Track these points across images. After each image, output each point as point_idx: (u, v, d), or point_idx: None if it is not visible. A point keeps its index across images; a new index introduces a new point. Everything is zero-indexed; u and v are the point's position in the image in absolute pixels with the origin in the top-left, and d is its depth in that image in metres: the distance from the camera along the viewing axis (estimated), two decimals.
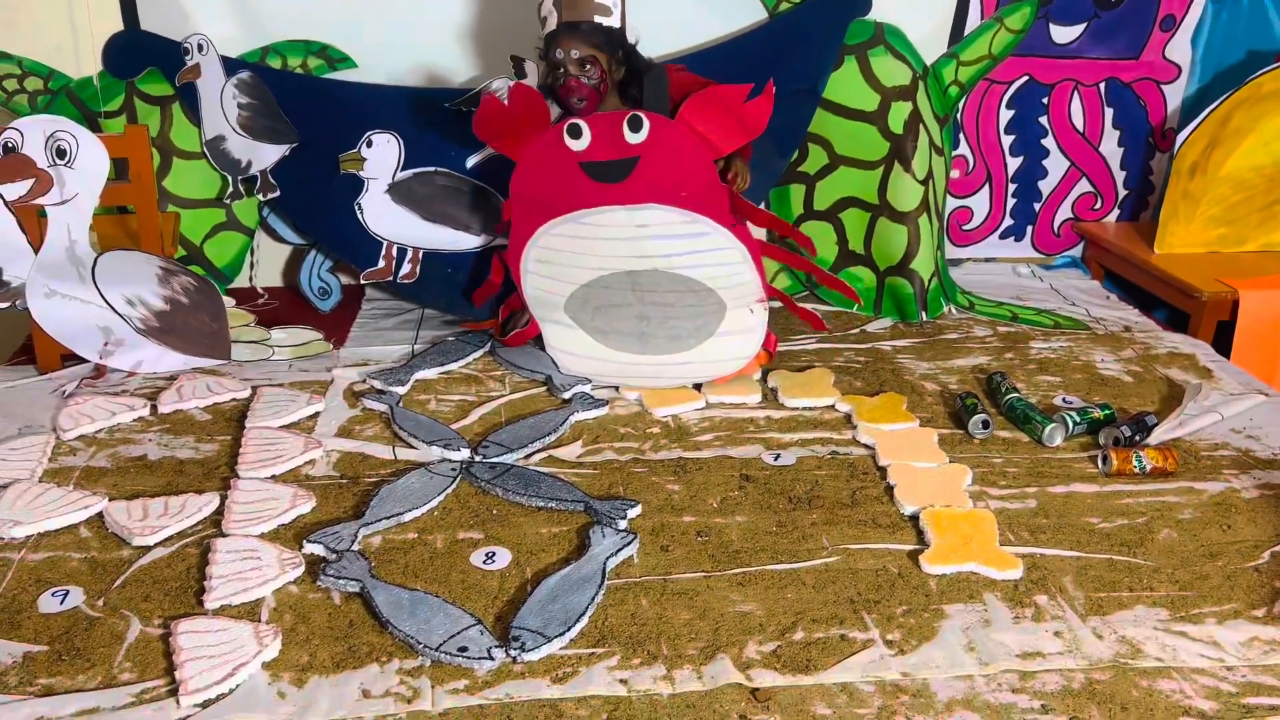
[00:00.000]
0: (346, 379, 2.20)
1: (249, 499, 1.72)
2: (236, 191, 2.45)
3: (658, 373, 2.16)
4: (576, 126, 1.98)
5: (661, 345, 2.14)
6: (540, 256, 2.13)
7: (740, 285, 2.09)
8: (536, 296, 2.19)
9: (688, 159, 1.99)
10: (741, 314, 2.12)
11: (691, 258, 2.06)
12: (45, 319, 2.11)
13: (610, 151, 1.99)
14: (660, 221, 2.03)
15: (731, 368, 2.17)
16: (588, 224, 2.05)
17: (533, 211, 2.10)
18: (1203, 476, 1.94)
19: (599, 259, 2.09)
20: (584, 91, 2.04)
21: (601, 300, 2.13)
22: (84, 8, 2.38)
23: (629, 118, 1.95)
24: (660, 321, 2.12)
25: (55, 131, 2.03)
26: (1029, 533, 1.74)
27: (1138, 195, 3.06)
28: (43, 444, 1.88)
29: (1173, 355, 2.47)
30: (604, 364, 2.18)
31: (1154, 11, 2.84)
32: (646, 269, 2.07)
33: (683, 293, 2.09)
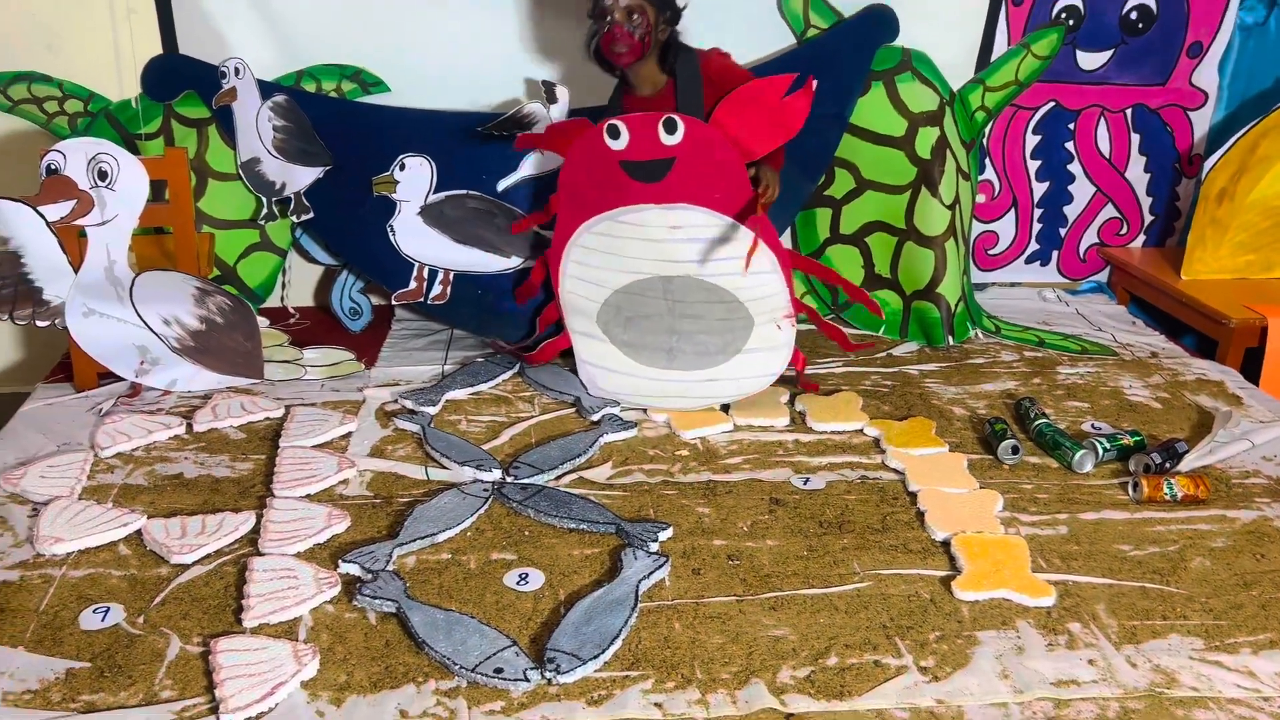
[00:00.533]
0: (378, 399, 2.22)
1: (285, 518, 1.73)
2: (270, 213, 2.48)
3: (685, 391, 2.18)
4: (615, 127, 2.02)
5: (689, 361, 2.17)
6: (579, 257, 2.17)
7: (768, 298, 2.11)
8: (572, 302, 2.23)
9: (721, 161, 2.02)
10: (769, 330, 2.14)
11: (722, 264, 2.08)
12: (83, 337, 2.14)
13: (647, 151, 2.03)
14: (692, 224, 2.06)
15: (757, 385, 2.19)
16: (624, 223, 2.09)
17: (576, 208, 2.14)
18: (1235, 504, 1.94)
19: (634, 261, 2.12)
20: (628, 41, 2.04)
21: (634, 310, 2.16)
22: (126, 33, 2.42)
23: (664, 120, 1.99)
24: (689, 336, 2.15)
25: (97, 154, 2.07)
26: (1060, 559, 1.74)
27: (1164, 221, 3.06)
28: (81, 461, 1.90)
29: (1201, 382, 2.47)
30: (631, 379, 2.20)
31: (1181, 38, 2.85)
32: (679, 274, 2.10)
33: (712, 304, 2.12)
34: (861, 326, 2.71)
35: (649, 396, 2.20)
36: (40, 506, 1.76)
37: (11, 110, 2.44)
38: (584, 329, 2.24)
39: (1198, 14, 2.83)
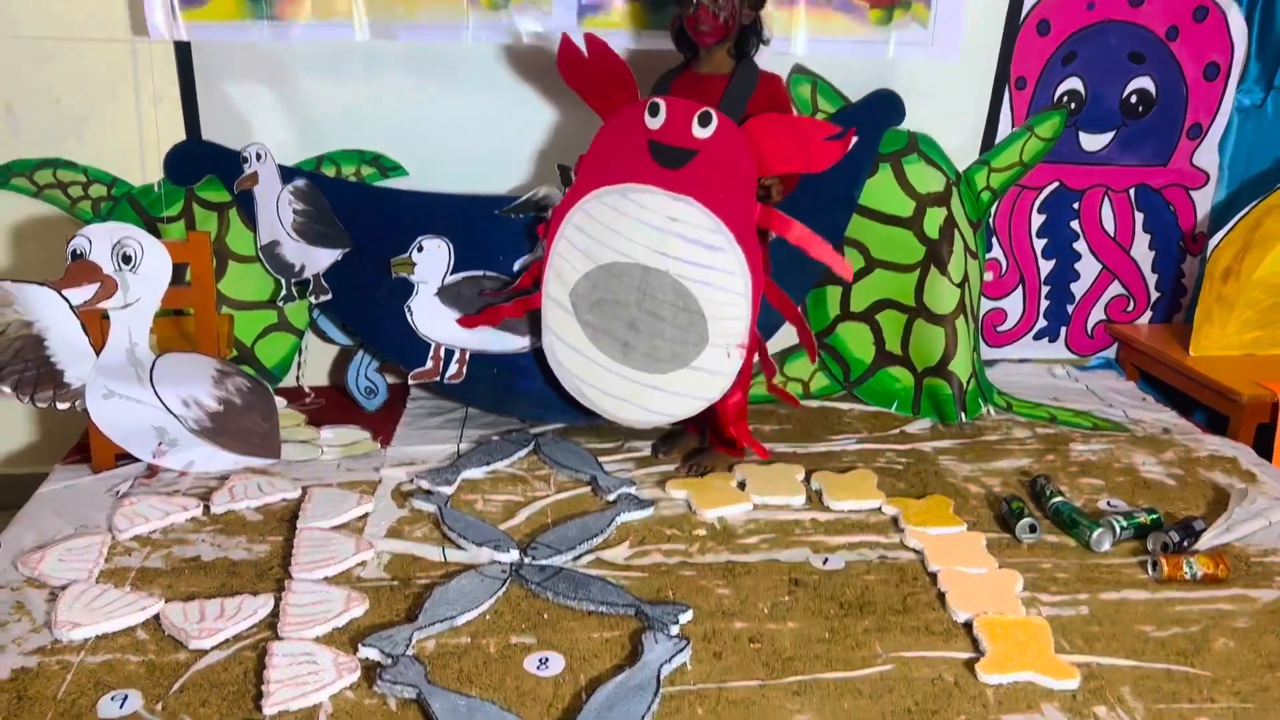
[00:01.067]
0: (394, 479, 2.22)
1: (303, 601, 1.73)
2: (289, 294, 2.51)
3: (632, 393, 2.24)
4: (656, 105, 2.08)
5: (639, 360, 2.21)
6: (580, 222, 2.21)
7: (730, 321, 2.13)
8: (557, 265, 2.26)
9: (736, 168, 2.06)
10: (718, 354, 2.16)
11: (702, 272, 2.12)
12: (102, 419, 2.15)
13: (677, 137, 2.08)
14: (690, 221, 2.10)
15: (690, 406, 2.23)
16: (630, 200, 2.14)
17: (594, 174, 2.18)
18: (1255, 584, 1.93)
19: (626, 242, 2.16)
20: (712, 22, 2.09)
21: (606, 291, 2.20)
22: (151, 119, 2.48)
23: (701, 112, 2.05)
24: (647, 335, 2.19)
25: (122, 238, 2.11)
26: (1083, 640, 1.73)
27: (1170, 298, 3.09)
28: (99, 544, 1.90)
29: (1214, 458, 2.47)
30: (584, 361, 2.26)
31: (1181, 120, 2.91)
32: (660, 268, 2.14)
33: (678, 310, 2.15)
34: (873, 403, 2.73)
35: (596, 388, 2.27)
36: (58, 590, 1.75)
37: (37, 195, 2.48)
38: (557, 295, 2.26)
39: (1196, 97, 2.89)
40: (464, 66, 2.55)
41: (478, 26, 2.45)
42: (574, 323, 2.25)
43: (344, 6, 2.40)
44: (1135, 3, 2.79)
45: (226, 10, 2.36)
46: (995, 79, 2.78)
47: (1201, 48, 2.85)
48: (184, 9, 2.34)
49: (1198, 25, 2.83)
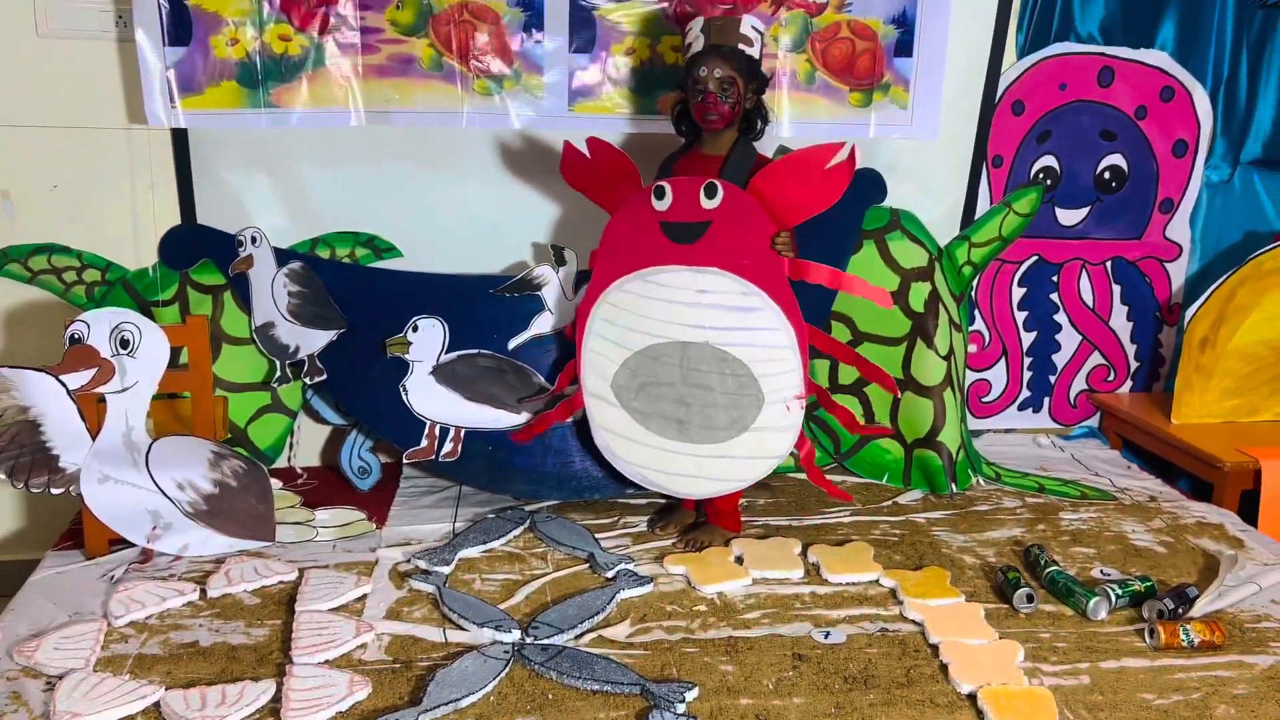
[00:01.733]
0: (391, 559, 2.21)
1: (306, 686, 1.71)
2: (284, 375, 2.52)
3: (698, 468, 2.26)
4: (661, 189, 2.15)
5: (697, 434, 2.24)
6: (607, 314, 2.26)
7: (781, 375, 2.17)
8: (592, 361, 2.30)
9: (752, 229, 2.12)
10: (777, 410, 2.20)
11: (742, 335, 2.16)
12: (97, 504, 2.14)
13: (687, 213, 2.15)
14: (719, 289, 2.15)
15: (764, 467, 2.26)
16: (654, 282, 2.20)
17: (611, 265, 2.24)
18: (1250, 649, 1.95)
19: (658, 323, 2.20)
20: (720, 109, 2.17)
21: (648, 375, 2.24)
22: (145, 204, 2.51)
23: (706, 185, 2.12)
24: (699, 408, 2.23)
25: (120, 323, 2.12)
26: (1086, 710, 1.74)
27: (1149, 367, 3.15)
28: (95, 631, 1.88)
29: (1202, 525, 2.51)
30: (645, 449, 2.29)
31: (1153, 196, 3.00)
32: (698, 340, 2.19)
33: (725, 376, 2.19)
34: (865, 475, 2.75)
35: (660, 471, 2.29)
36: (54, 680, 1.73)
37: (31, 280, 2.50)
38: (599, 390, 2.30)
39: (1166, 173, 2.99)
40: (458, 150, 2.60)
41: (472, 113, 2.51)
42: (622, 413, 2.29)
43: (340, 94, 2.46)
44: (1105, 84, 2.90)
45: (224, 99, 2.41)
46: (973, 157, 2.87)
47: (1169, 126, 2.96)
48: (183, 97, 2.38)
49: (1165, 105, 2.94)
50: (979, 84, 2.81)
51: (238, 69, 2.39)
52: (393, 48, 2.45)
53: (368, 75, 2.46)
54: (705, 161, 2.25)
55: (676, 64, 2.56)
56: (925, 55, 2.65)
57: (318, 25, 2.41)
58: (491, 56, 2.48)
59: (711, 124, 2.20)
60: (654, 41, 2.54)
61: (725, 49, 2.18)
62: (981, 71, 2.80)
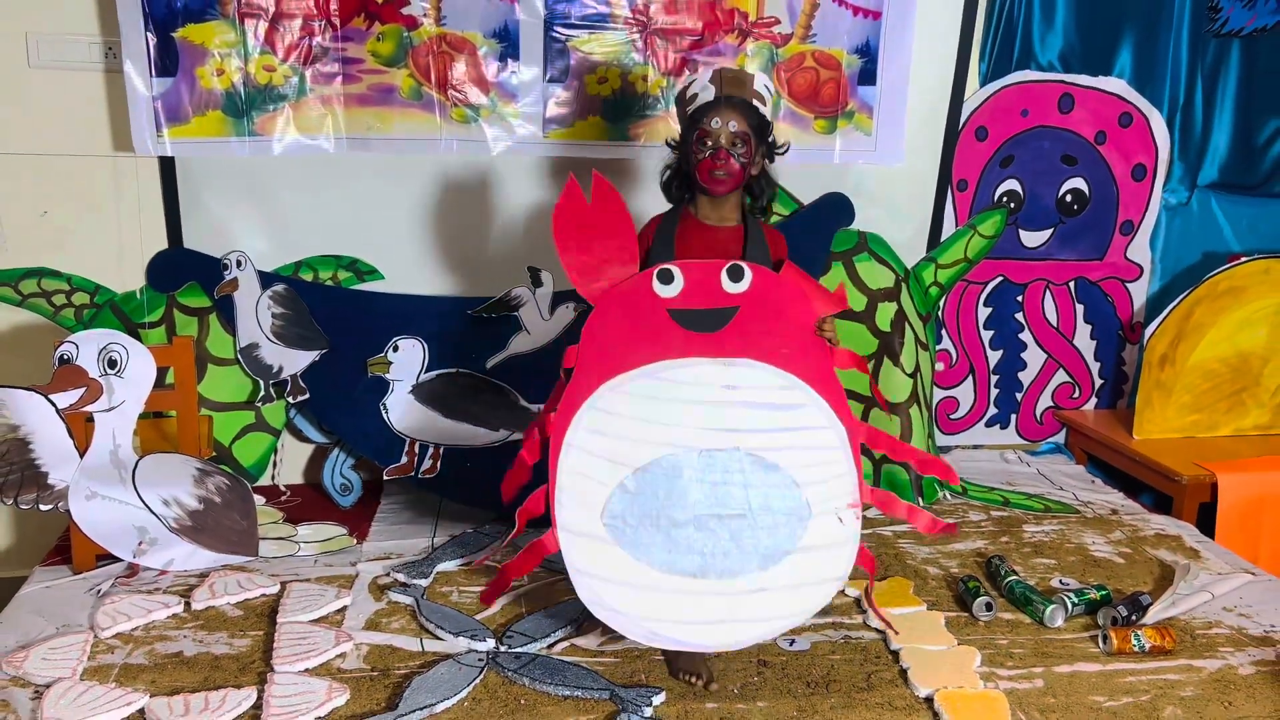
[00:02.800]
0: (371, 573, 2.27)
1: (286, 693, 1.77)
2: (268, 395, 2.59)
3: (731, 609, 1.78)
4: (668, 272, 1.80)
5: (724, 567, 1.78)
6: (595, 424, 1.78)
7: (832, 480, 1.79)
8: (571, 488, 1.78)
9: (791, 313, 1.82)
10: (828, 523, 1.80)
11: (783, 437, 1.78)
12: (85, 520, 2.20)
13: (705, 299, 1.80)
14: (753, 384, 1.78)
15: (820, 595, 1.82)
16: (667, 380, 1.78)
17: (601, 364, 1.80)
18: (1200, 654, 2.02)
19: (671, 429, 1.77)
20: (730, 168, 1.92)
21: (657, 498, 1.78)
22: (132, 229, 2.58)
23: (729, 267, 1.80)
24: (725, 534, 1.78)
25: (108, 344, 2.19)
26: (1039, 712, 1.81)
27: (1113, 384, 3.24)
28: (81, 643, 1.93)
29: (1160, 537, 2.59)
30: (650, 595, 1.78)
31: (1114, 218, 3.10)
32: (726, 448, 1.78)
33: (763, 489, 1.78)
34: None
35: (677, 622, 1.78)
36: (42, 689, 1.78)
37: (21, 304, 2.56)
38: (581, 526, 1.78)
39: (1126, 196, 3.09)
40: (437, 177, 2.68)
41: (450, 140, 2.59)
42: (618, 551, 1.78)
43: (322, 123, 2.54)
44: (1065, 110, 3.00)
45: (210, 128, 2.49)
46: (938, 181, 2.96)
47: (1128, 151, 3.06)
48: (169, 126, 2.46)
49: (1123, 130, 3.04)
50: (943, 111, 2.91)
51: (223, 99, 2.47)
52: (373, 78, 2.53)
53: (349, 104, 2.54)
54: (711, 235, 1.98)
55: (646, 93, 2.65)
56: (888, 84, 2.75)
57: (301, 56, 2.49)
58: (469, 85, 2.57)
59: (719, 185, 1.94)
60: (625, 71, 2.63)
61: (739, 101, 1.93)
62: (945, 99, 2.90)
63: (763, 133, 1.99)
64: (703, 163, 1.93)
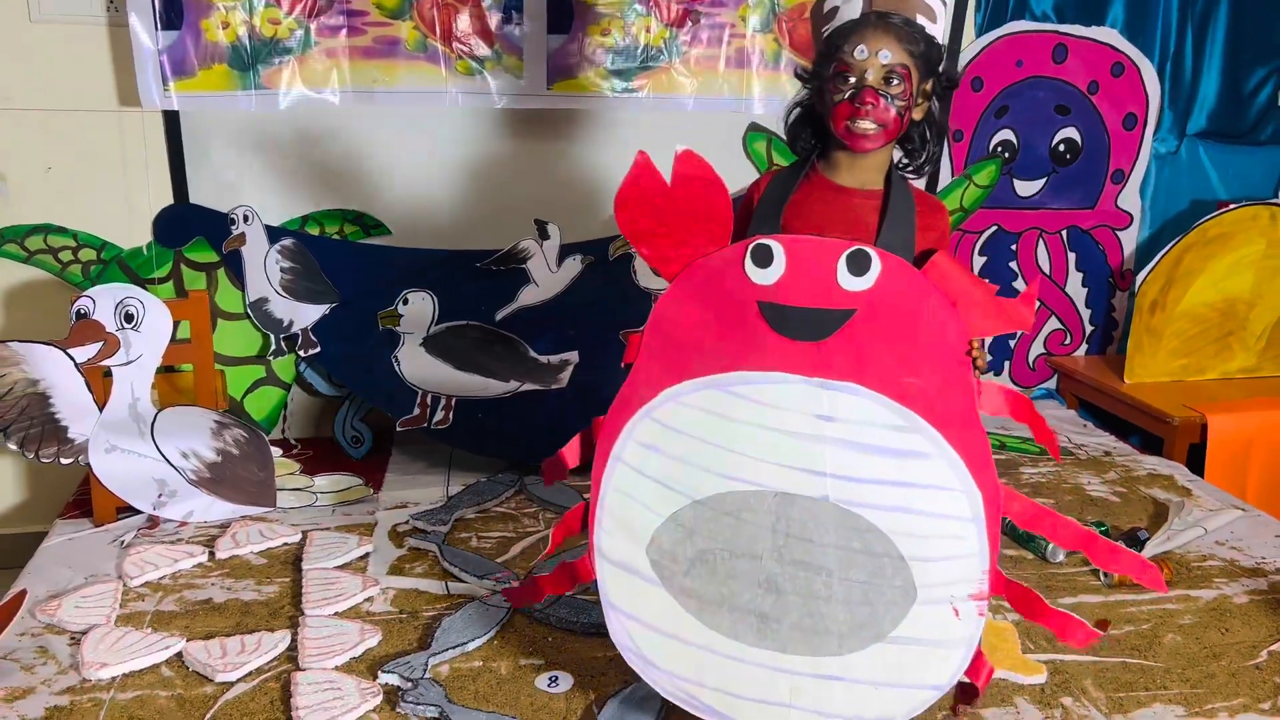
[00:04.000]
0: (389, 521, 2.32)
1: (320, 635, 1.82)
2: (279, 349, 2.61)
3: (793, 693, 1.42)
4: (766, 250, 1.32)
5: (790, 638, 1.41)
6: (650, 436, 1.43)
7: (949, 561, 1.36)
8: (616, 511, 1.47)
9: (930, 328, 1.31)
10: (941, 612, 1.38)
11: (890, 493, 1.35)
12: (105, 473, 2.22)
13: (810, 294, 1.33)
14: (858, 418, 1.34)
15: (908, 702, 1.40)
16: (744, 396, 1.38)
17: (667, 361, 1.41)
18: (1196, 585, 2.10)
19: (744, 460, 1.39)
20: (883, 115, 1.42)
21: (712, 539, 1.42)
22: (138, 185, 2.58)
23: (851, 253, 1.30)
24: (799, 598, 1.40)
25: (125, 298, 2.20)
26: (1046, 640, 1.88)
27: (1103, 331, 3.31)
28: (113, 591, 1.97)
29: (1153, 476, 2.67)
30: (698, 655, 1.45)
31: (1105, 167, 3.15)
32: (812, 495, 1.37)
33: (853, 552, 1.37)
34: None
35: (724, 692, 1.45)
36: (78, 635, 1.82)
37: (28, 260, 2.56)
38: (623, 557, 1.48)
39: (1117, 145, 3.14)
40: (443, 129, 2.69)
41: (455, 92, 2.60)
42: (662, 594, 1.46)
43: (328, 76, 2.54)
44: (1059, 60, 3.03)
45: (216, 82, 2.48)
46: None
47: (1120, 100, 3.10)
48: (175, 80, 2.45)
49: (1115, 80, 3.08)
50: None
51: (229, 52, 2.47)
52: (378, 30, 2.53)
53: (354, 57, 2.54)
54: (841, 203, 1.49)
55: (649, 45, 2.67)
56: None
57: (306, 8, 2.48)
58: (473, 38, 2.57)
59: (863, 140, 1.43)
60: (628, 23, 2.64)
61: (897, 22, 1.42)
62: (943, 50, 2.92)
63: (930, 64, 1.45)
64: (840, 107, 1.43)
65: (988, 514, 1.35)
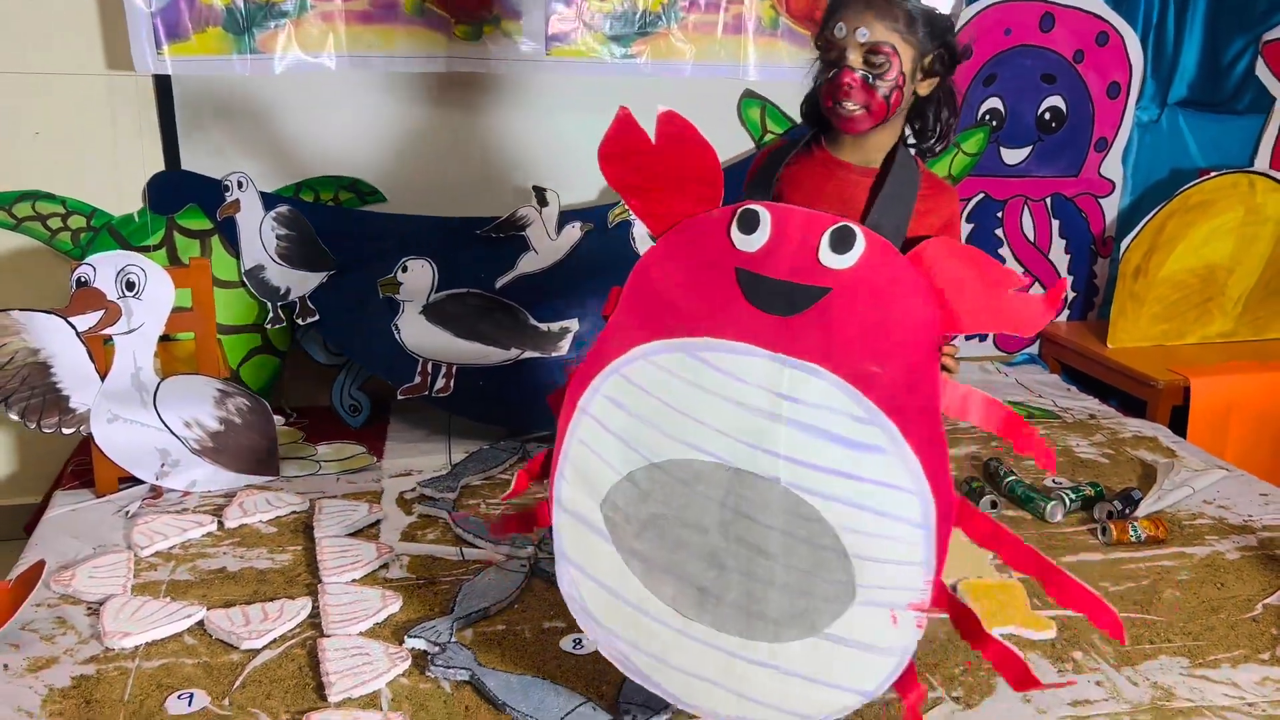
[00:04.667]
0: (395, 488, 2.32)
1: (341, 601, 1.82)
2: (276, 316, 2.58)
3: (722, 671, 1.40)
4: (753, 215, 1.28)
5: (728, 618, 1.39)
6: (617, 392, 1.40)
7: (893, 565, 1.30)
8: (578, 460, 1.45)
9: (903, 317, 1.24)
10: (879, 616, 1.32)
11: (841, 484, 1.29)
12: (107, 443, 2.20)
13: (790, 267, 1.28)
14: (817, 402, 1.29)
15: (830, 701, 1.37)
16: (708, 364, 1.34)
17: (640, 318, 1.38)
18: (1190, 542, 2.17)
19: (699, 429, 1.36)
20: (866, 98, 1.37)
21: (664, 504, 1.40)
22: (128, 151, 2.53)
23: (835, 229, 1.24)
24: (741, 577, 1.37)
25: (126, 266, 2.17)
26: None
27: (1085, 297, 3.38)
28: (125, 561, 1.96)
29: (1138, 438, 2.74)
30: (637, 619, 1.45)
31: (1089, 135, 3.20)
32: (765, 475, 1.33)
33: (797, 541, 1.33)
34: None
35: (658, 659, 1.45)
36: (95, 605, 1.81)
37: (16, 228, 2.51)
38: (580, 508, 1.46)
39: (1101, 114, 3.19)
40: (439, 95, 2.67)
41: (452, 57, 2.58)
42: (610, 551, 1.45)
43: (323, 40, 2.50)
44: (1046, 29, 3.07)
45: (210, 45, 2.44)
46: None
47: (1104, 69, 3.15)
48: (169, 44, 2.40)
49: (1100, 49, 3.13)
50: None
51: (223, 15, 2.42)
52: None
53: (351, 21, 2.51)
54: (836, 178, 1.46)
55: (647, 10, 2.66)
56: None
57: None
58: (472, 2, 2.55)
59: (848, 121, 1.41)
60: None
61: None
62: None
63: (929, 37, 1.37)
64: (825, 87, 1.40)
65: (939, 522, 1.28)
